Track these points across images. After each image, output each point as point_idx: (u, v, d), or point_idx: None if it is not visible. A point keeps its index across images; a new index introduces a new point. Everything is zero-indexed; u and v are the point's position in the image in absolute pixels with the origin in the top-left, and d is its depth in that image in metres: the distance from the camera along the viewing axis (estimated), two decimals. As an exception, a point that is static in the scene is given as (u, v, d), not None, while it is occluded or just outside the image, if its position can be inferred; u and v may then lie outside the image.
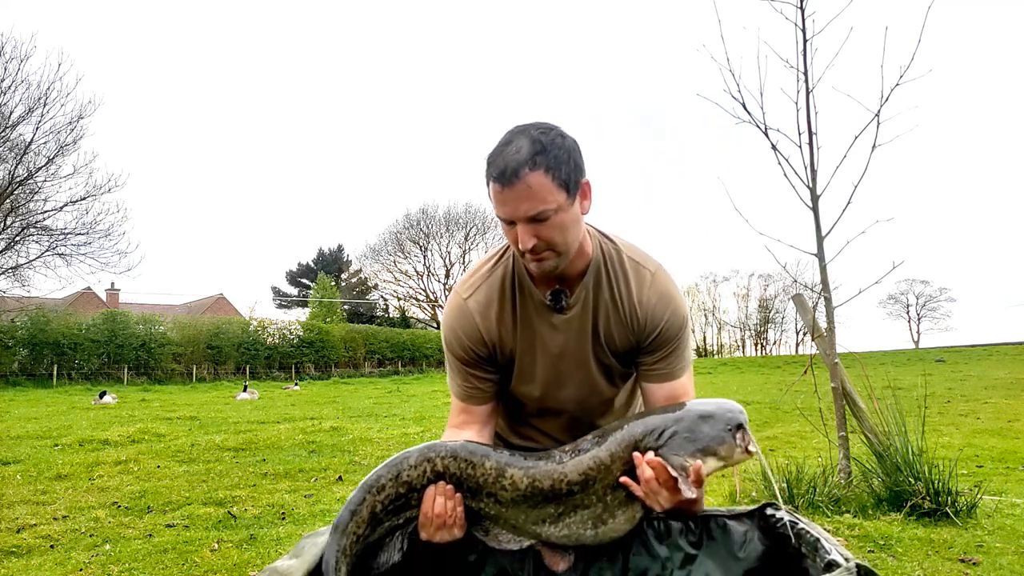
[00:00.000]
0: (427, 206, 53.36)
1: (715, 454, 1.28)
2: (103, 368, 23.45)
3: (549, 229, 1.36)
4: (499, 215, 1.38)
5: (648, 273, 1.55)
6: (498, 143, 1.38)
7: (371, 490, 1.36)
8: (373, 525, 1.38)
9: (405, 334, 36.15)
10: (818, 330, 4.11)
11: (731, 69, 4.16)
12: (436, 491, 1.35)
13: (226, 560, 3.06)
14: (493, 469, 1.34)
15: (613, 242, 1.59)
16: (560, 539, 1.35)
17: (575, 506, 1.33)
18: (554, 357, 1.56)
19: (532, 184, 1.31)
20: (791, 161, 4.10)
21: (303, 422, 8.93)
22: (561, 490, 1.32)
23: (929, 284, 55.17)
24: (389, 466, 1.38)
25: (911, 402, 5.17)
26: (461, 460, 1.36)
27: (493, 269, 1.59)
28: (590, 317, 1.54)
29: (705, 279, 57.20)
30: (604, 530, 1.33)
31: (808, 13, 4.01)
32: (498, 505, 1.36)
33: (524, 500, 1.33)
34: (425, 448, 1.38)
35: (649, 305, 1.52)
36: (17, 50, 19.43)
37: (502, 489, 1.34)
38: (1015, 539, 3.05)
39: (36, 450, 6.60)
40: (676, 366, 1.55)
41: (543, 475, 1.32)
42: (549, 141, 1.34)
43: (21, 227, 20.51)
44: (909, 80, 3.87)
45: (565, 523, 1.33)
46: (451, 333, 1.59)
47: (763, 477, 3.85)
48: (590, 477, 1.31)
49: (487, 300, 1.56)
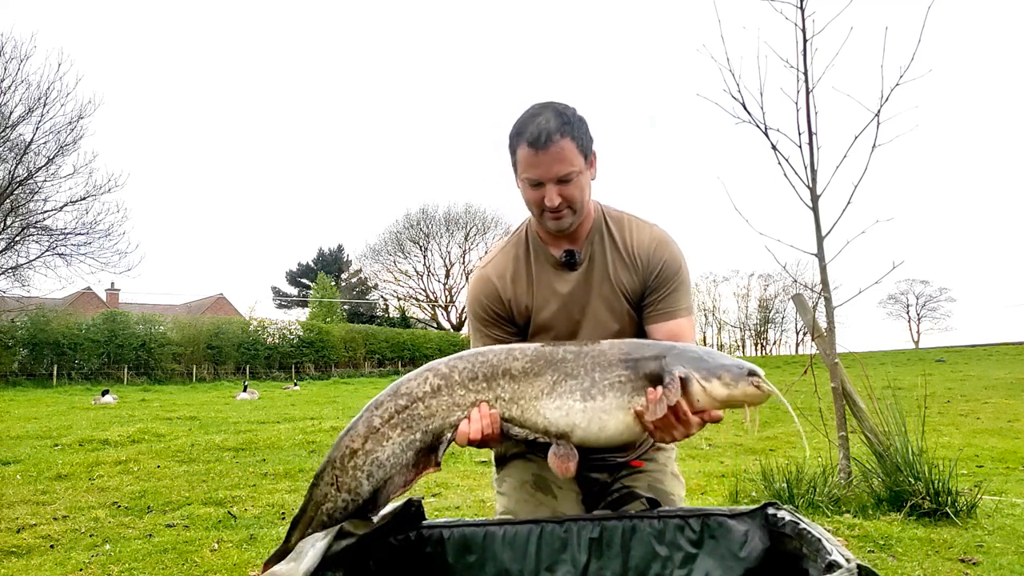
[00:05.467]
0: (427, 206, 53.29)
1: (720, 378, 1.30)
2: (103, 368, 23.45)
3: (572, 188, 1.56)
4: (529, 177, 1.56)
5: (646, 225, 1.74)
6: (524, 116, 1.57)
7: (369, 407, 1.41)
8: (373, 437, 1.39)
9: (405, 334, 36.15)
10: (818, 330, 4.11)
11: (731, 69, 4.17)
12: (481, 412, 1.38)
13: (226, 560, 3.06)
14: (502, 349, 1.43)
15: (612, 207, 1.79)
16: (554, 413, 1.37)
17: (566, 375, 1.37)
18: (569, 308, 1.71)
19: (564, 148, 1.52)
20: (791, 161, 4.10)
21: (303, 422, 8.93)
22: (558, 355, 1.39)
23: (929, 284, 55.03)
24: (390, 386, 1.44)
25: (911, 402, 5.18)
26: (466, 358, 1.42)
27: (508, 241, 1.79)
28: (597, 266, 1.70)
29: (705, 279, 57.11)
30: (593, 407, 1.35)
31: (808, 13, 4.02)
32: (512, 382, 1.39)
33: (532, 366, 1.39)
34: (423, 367, 1.44)
35: (649, 248, 1.69)
36: (17, 50, 19.40)
37: (514, 360, 1.40)
38: (1015, 539, 3.06)
39: (36, 450, 6.60)
40: (677, 305, 1.67)
41: (549, 345, 1.42)
42: (571, 114, 1.56)
43: (21, 227, 20.47)
44: (909, 80, 3.87)
45: (558, 393, 1.37)
46: (473, 300, 1.76)
47: (762, 476, 3.85)
48: (584, 351, 1.39)
49: (503, 265, 1.75)
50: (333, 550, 1.30)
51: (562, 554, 1.42)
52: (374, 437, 1.39)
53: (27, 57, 19.39)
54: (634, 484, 1.68)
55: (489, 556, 1.43)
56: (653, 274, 1.67)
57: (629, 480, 1.71)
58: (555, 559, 1.42)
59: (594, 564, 1.40)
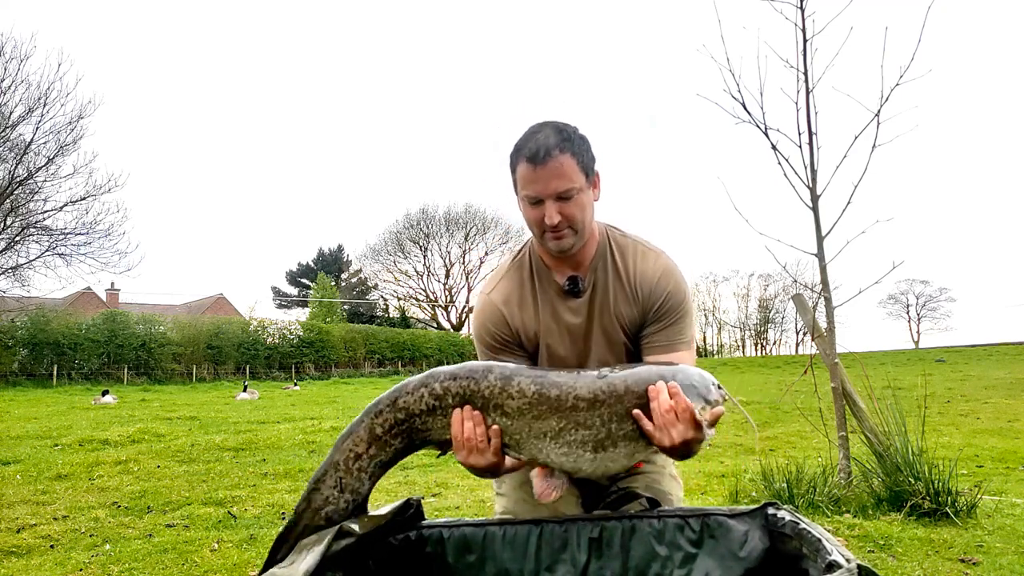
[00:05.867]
0: (427, 206, 53.33)
1: (713, 404, 1.32)
2: (103, 368, 23.44)
3: (572, 207, 1.52)
4: (528, 194, 1.52)
5: (652, 253, 1.68)
6: (525, 133, 1.55)
7: (369, 413, 1.39)
8: (376, 443, 1.39)
9: (405, 334, 36.15)
10: (818, 330, 4.11)
11: (731, 69, 4.16)
12: (463, 415, 1.36)
13: (226, 560, 3.06)
14: (498, 380, 1.34)
15: (619, 229, 1.73)
16: (559, 458, 1.34)
17: (577, 424, 1.31)
18: (574, 337, 1.68)
19: (563, 163, 1.48)
20: (791, 161, 4.10)
21: (303, 422, 8.93)
22: (567, 403, 1.31)
23: (929, 284, 55.09)
24: (390, 392, 1.40)
25: (911, 402, 5.18)
26: (461, 379, 1.36)
27: (512, 265, 1.74)
28: (599, 297, 1.66)
29: (705, 279, 57.12)
30: (603, 457, 1.32)
31: (808, 13, 4.02)
32: (504, 418, 1.34)
33: (530, 409, 1.32)
34: (424, 375, 1.39)
35: (653, 279, 1.64)
36: (17, 50, 19.40)
37: (508, 398, 1.33)
38: (1015, 539, 3.05)
39: (36, 450, 6.60)
40: (677, 338, 1.63)
41: (551, 384, 1.32)
42: (572, 131, 1.54)
43: (21, 227, 20.46)
44: (909, 80, 3.87)
45: (566, 440, 1.32)
46: (480, 327, 1.71)
47: (761, 478, 3.85)
48: (599, 399, 1.31)
49: (508, 291, 1.70)
50: (333, 550, 1.30)
51: (562, 554, 1.42)
52: (377, 444, 1.39)
53: (27, 57, 19.41)
54: (632, 485, 1.67)
55: (489, 556, 1.43)
56: (654, 307, 1.63)
57: (627, 481, 1.71)
58: (555, 559, 1.42)
59: (594, 564, 1.40)
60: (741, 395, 13.53)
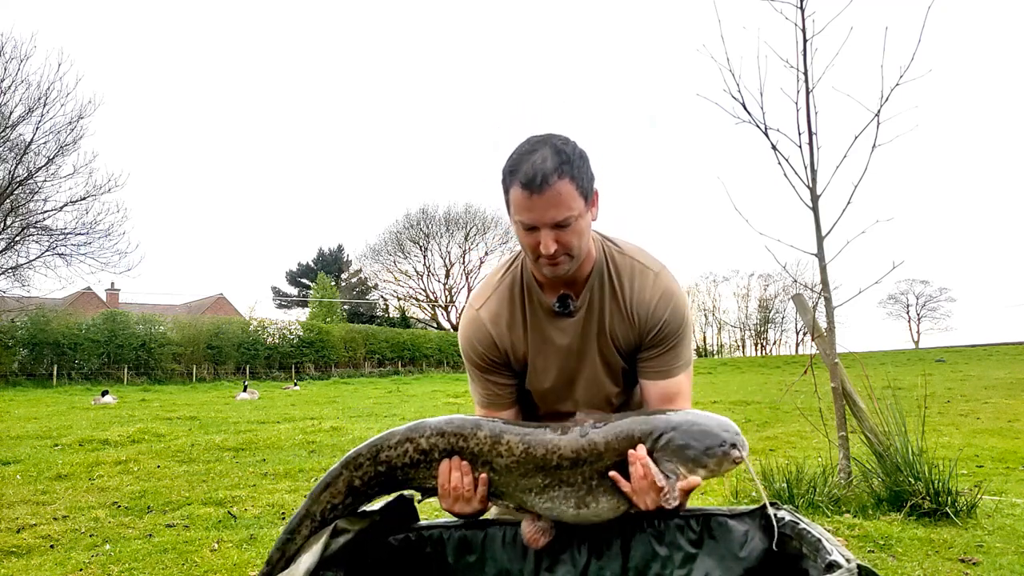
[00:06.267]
0: (427, 206, 53.33)
1: (705, 467, 1.29)
2: (103, 368, 23.44)
3: (569, 234, 1.42)
4: (522, 220, 1.42)
5: (651, 273, 1.59)
6: (519, 152, 1.42)
7: (348, 466, 1.39)
8: (354, 495, 1.40)
9: (405, 334, 36.14)
10: (818, 330, 4.11)
11: (731, 69, 4.16)
12: (451, 465, 1.37)
13: (226, 560, 3.06)
14: (488, 437, 1.36)
15: (617, 245, 1.64)
16: (543, 511, 1.36)
17: (561, 481, 1.33)
18: (564, 358, 1.62)
19: (561, 191, 1.37)
20: (791, 161, 4.09)
21: (303, 422, 8.93)
22: (551, 461, 1.33)
23: (929, 284, 55.25)
24: (371, 444, 1.40)
25: (911, 402, 5.17)
26: (450, 435, 1.37)
27: (502, 280, 1.66)
28: (595, 318, 1.59)
29: (705, 279, 57.25)
30: (585, 512, 1.34)
31: (808, 13, 4.01)
32: (493, 473, 1.37)
33: (518, 466, 1.34)
34: (408, 429, 1.40)
35: (651, 303, 1.57)
36: (17, 50, 19.44)
37: (498, 456, 1.35)
38: (1015, 539, 3.05)
39: (36, 450, 6.60)
40: (673, 364, 1.58)
41: (538, 443, 1.34)
42: (571, 151, 1.41)
43: (21, 227, 20.49)
44: (909, 80, 3.87)
45: (549, 496, 1.34)
46: (467, 344, 1.66)
47: (762, 478, 3.85)
48: (581, 457, 1.32)
49: (498, 309, 1.63)
50: (331, 549, 1.30)
51: (562, 554, 1.42)
52: (355, 495, 1.40)
53: (27, 57, 19.47)
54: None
55: (489, 556, 1.43)
56: (651, 332, 1.57)
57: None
58: (555, 559, 1.42)
59: (594, 564, 1.40)
60: (741, 395, 13.53)
